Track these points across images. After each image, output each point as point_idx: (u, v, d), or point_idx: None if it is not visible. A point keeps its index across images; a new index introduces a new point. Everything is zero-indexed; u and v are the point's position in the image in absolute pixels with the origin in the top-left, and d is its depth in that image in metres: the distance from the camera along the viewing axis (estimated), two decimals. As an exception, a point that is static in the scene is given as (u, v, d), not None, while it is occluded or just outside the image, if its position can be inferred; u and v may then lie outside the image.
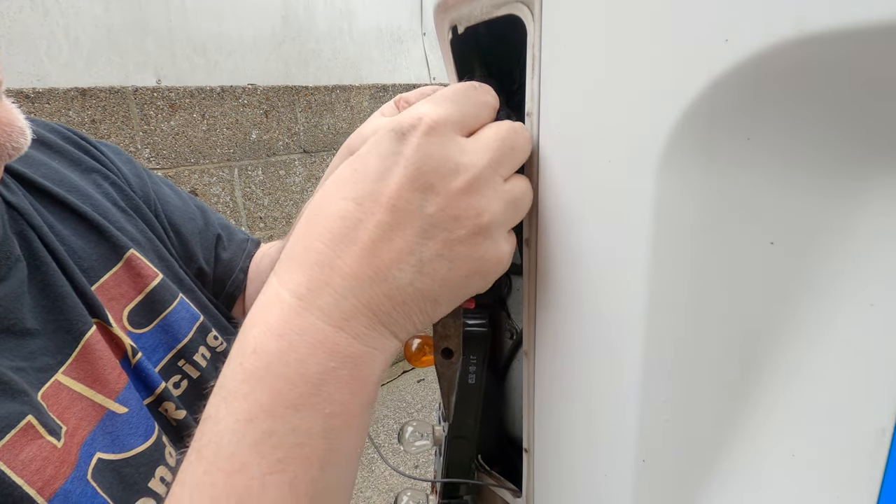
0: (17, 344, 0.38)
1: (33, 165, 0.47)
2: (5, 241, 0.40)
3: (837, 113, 0.21)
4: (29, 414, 0.35)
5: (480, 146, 0.25)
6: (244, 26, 2.32)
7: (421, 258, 0.24)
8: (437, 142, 0.24)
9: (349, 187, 0.25)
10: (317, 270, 0.25)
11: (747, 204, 0.23)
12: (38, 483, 0.34)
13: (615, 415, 0.28)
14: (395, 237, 0.24)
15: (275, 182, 2.37)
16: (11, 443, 0.33)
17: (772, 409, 0.25)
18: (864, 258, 0.22)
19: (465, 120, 0.26)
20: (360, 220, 0.24)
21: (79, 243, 0.45)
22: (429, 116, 0.24)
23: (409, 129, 0.24)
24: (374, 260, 0.24)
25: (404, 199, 0.24)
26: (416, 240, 0.24)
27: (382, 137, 0.25)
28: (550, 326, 0.30)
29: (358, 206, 0.24)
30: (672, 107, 0.22)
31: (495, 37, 0.34)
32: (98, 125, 1.83)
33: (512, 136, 0.27)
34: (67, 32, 1.83)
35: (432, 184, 0.24)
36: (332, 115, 2.54)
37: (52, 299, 0.41)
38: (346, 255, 0.24)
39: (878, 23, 0.17)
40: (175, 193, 0.60)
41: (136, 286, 0.48)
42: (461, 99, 0.26)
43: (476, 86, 0.28)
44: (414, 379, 2.95)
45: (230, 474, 0.23)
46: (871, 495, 0.22)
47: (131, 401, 0.42)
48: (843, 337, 0.23)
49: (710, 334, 0.25)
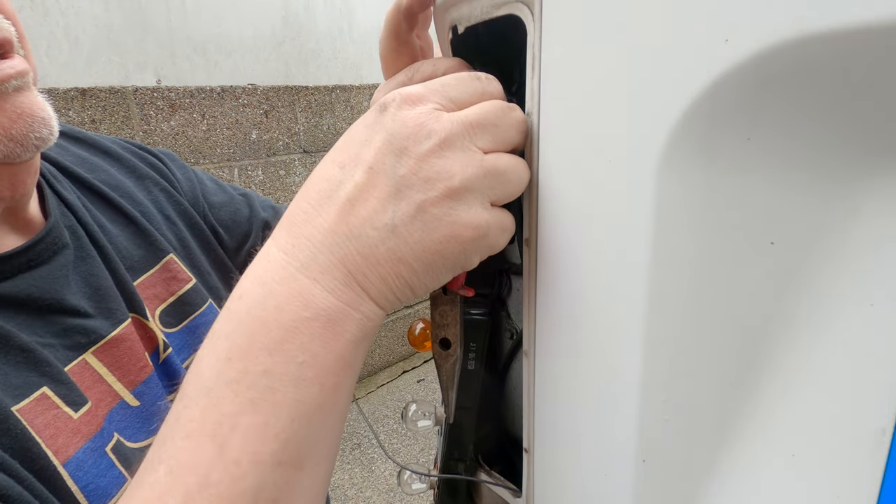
0: (50, 321, 0.40)
1: (95, 171, 0.53)
2: (55, 228, 0.44)
3: (837, 113, 0.21)
4: (45, 385, 0.37)
5: (459, 116, 0.26)
6: (244, 26, 2.32)
7: (393, 218, 0.25)
8: (413, 111, 0.26)
9: (337, 153, 0.27)
10: (300, 227, 0.26)
11: (747, 204, 0.23)
12: (53, 447, 0.36)
13: (615, 415, 0.28)
14: (369, 197, 0.25)
15: (275, 182, 2.37)
16: (28, 408, 0.35)
17: (772, 409, 0.25)
18: (864, 258, 0.22)
19: (448, 100, 0.27)
20: (341, 182, 0.26)
21: (124, 243, 0.50)
22: (407, 91, 0.26)
23: (389, 102, 0.26)
24: (349, 217, 0.26)
25: (380, 161, 0.26)
26: (389, 199, 0.25)
27: (369, 112, 0.28)
28: (550, 326, 0.30)
29: (341, 169, 0.26)
30: (672, 107, 0.22)
31: (495, 37, 0.34)
32: (98, 125, 1.83)
33: (493, 113, 0.27)
34: (67, 32, 1.83)
35: (405, 147, 0.25)
36: (332, 115, 2.55)
37: (93, 288, 0.44)
38: (325, 212, 0.26)
39: (878, 23, 0.17)
40: (220, 188, 0.65)
41: (170, 288, 0.52)
42: (451, 81, 0.28)
43: (476, 75, 0.29)
44: (414, 379, 2.95)
45: (206, 408, 0.24)
46: (871, 495, 0.22)
47: (146, 395, 0.45)
48: (843, 337, 0.23)
49: (710, 334, 0.25)
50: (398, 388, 2.88)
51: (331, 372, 0.26)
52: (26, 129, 0.37)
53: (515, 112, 0.28)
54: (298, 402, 0.25)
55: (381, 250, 0.26)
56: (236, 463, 0.23)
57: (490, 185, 0.27)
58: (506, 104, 0.28)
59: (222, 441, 0.23)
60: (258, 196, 0.69)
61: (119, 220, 0.51)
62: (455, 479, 0.44)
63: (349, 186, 0.26)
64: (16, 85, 0.37)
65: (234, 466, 0.23)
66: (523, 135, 0.29)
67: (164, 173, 0.60)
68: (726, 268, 0.24)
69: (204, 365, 0.25)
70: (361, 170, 0.26)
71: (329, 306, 0.25)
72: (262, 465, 0.24)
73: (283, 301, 0.25)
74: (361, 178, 0.26)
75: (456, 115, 0.27)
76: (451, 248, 0.26)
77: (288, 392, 0.25)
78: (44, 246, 0.42)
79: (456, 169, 0.26)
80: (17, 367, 0.36)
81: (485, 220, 0.27)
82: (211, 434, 0.24)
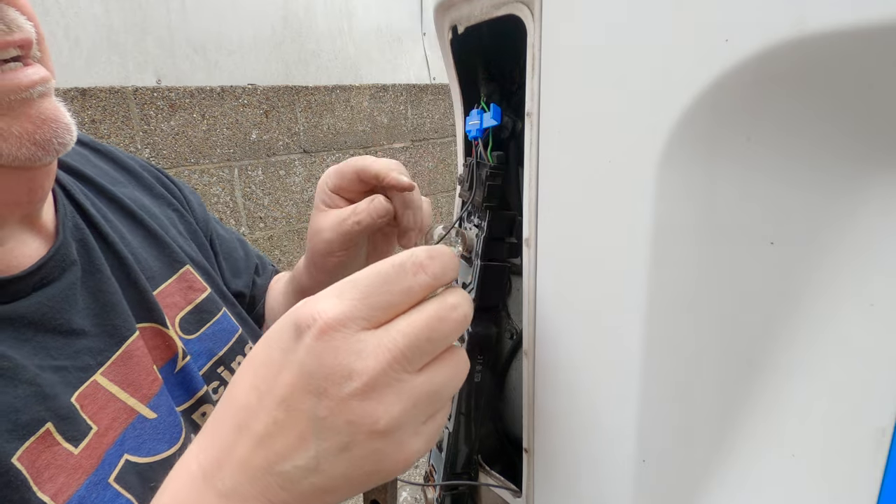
0: (63, 343, 0.41)
1: (116, 184, 0.55)
2: (63, 246, 0.44)
3: (837, 113, 0.21)
4: (49, 421, 0.37)
5: (385, 343, 0.24)
6: (244, 26, 2.32)
7: (316, 455, 0.24)
8: (330, 346, 0.24)
9: (254, 373, 0.26)
10: (220, 451, 0.26)
11: (747, 204, 0.23)
12: (52, 490, 0.36)
13: (615, 415, 0.28)
14: (287, 434, 0.24)
15: (275, 182, 2.37)
16: (31, 449, 0.35)
17: (772, 409, 0.25)
18: (864, 258, 0.22)
19: (373, 314, 0.24)
20: (256, 413, 0.25)
21: (143, 254, 0.51)
22: (326, 315, 0.24)
23: (305, 329, 0.24)
24: (266, 452, 0.25)
25: (296, 399, 0.24)
26: (310, 439, 0.24)
27: (283, 328, 0.25)
28: (550, 326, 0.30)
29: (258, 399, 0.25)
30: (672, 107, 0.22)
31: (495, 37, 0.34)
32: (98, 125, 1.83)
33: (428, 327, 0.25)
34: (67, 32, 1.83)
35: (324, 388, 0.24)
36: (332, 115, 2.54)
37: (101, 304, 0.44)
38: (242, 443, 0.25)
39: (878, 23, 0.17)
40: (221, 227, 0.69)
41: (188, 297, 0.53)
42: (375, 290, 0.25)
43: (404, 265, 0.25)
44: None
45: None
46: (871, 495, 0.22)
47: (162, 407, 0.45)
48: (843, 336, 0.23)
49: (710, 334, 0.25)
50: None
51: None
52: (50, 135, 0.38)
53: (457, 311, 0.26)
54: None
55: (304, 485, 0.25)
56: None
57: (423, 411, 0.25)
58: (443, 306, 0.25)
59: None
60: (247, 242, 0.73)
61: (138, 231, 0.53)
62: (458, 489, 0.44)
63: (265, 420, 0.25)
64: (40, 91, 0.37)
65: None
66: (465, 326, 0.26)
67: (177, 195, 0.62)
68: (726, 268, 0.24)
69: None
70: (276, 404, 0.25)
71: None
72: None
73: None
74: (277, 413, 0.24)
75: (382, 342, 0.24)
76: (378, 478, 0.26)
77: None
78: (53, 264, 0.43)
79: (380, 411, 0.24)
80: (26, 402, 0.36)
81: (414, 450, 0.26)
82: None
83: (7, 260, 0.41)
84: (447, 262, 0.26)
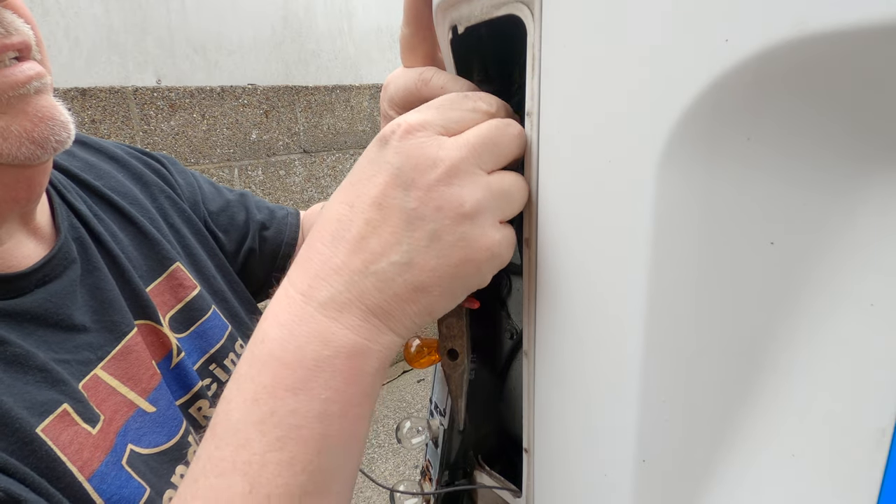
0: (64, 338, 0.42)
1: (103, 177, 0.54)
2: (65, 244, 0.45)
3: (837, 113, 0.21)
4: (65, 402, 0.38)
5: (460, 142, 0.27)
6: (244, 26, 2.32)
7: (409, 249, 0.26)
8: (414, 142, 0.26)
9: (345, 192, 0.28)
10: (316, 268, 0.27)
11: (747, 204, 0.23)
12: (78, 462, 0.37)
13: (615, 415, 0.28)
14: (382, 232, 0.26)
15: (275, 182, 2.37)
16: (52, 425, 0.36)
17: (772, 409, 0.25)
18: (864, 258, 0.22)
19: (448, 124, 0.27)
20: (351, 220, 0.27)
21: (133, 252, 0.51)
22: (406, 121, 0.27)
23: (390, 135, 0.27)
24: (362, 254, 0.26)
25: (388, 196, 0.26)
26: (402, 232, 0.26)
27: (371, 145, 0.28)
28: (550, 326, 0.30)
29: (350, 209, 0.27)
30: (672, 107, 0.22)
31: (495, 37, 0.34)
32: (98, 125, 1.83)
33: (493, 133, 0.28)
34: (67, 32, 1.83)
35: (412, 178, 0.26)
36: (332, 115, 2.55)
37: (99, 301, 0.45)
38: (339, 252, 0.27)
39: (878, 23, 0.17)
40: (217, 192, 0.67)
41: (178, 295, 0.54)
42: (446, 105, 0.28)
43: (467, 95, 0.30)
44: (414, 379, 2.94)
45: (236, 449, 0.25)
46: (871, 495, 0.22)
47: (161, 401, 0.46)
48: (842, 336, 0.23)
49: (710, 334, 0.25)
50: (398, 388, 2.88)
51: (353, 404, 0.27)
52: (48, 133, 0.38)
53: (512, 127, 0.29)
54: (323, 435, 0.26)
55: (399, 282, 0.26)
56: (267, 497, 0.25)
57: (498, 206, 0.27)
58: (502, 121, 0.29)
59: (253, 478, 0.25)
60: (253, 196, 0.71)
61: (128, 228, 0.53)
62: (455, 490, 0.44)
63: (360, 224, 0.26)
64: (36, 86, 0.37)
65: (265, 501, 0.25)
66: (522, 148, 0.29)
67: (168, 180, 0.61)
68: (726, 268, 0.24)
69: (232, 406, 0.26)
70: (370, 207, 0.26)
71: (349, 343, 0.26)
72: (291, 497, 0.25)
73: (304, 342, 0.26)
74: (371, 214, 0.26)
75: (458, 140, 0.27)
76: (467, 271, 0.27)
77: (314, 427, 0.25)
78: (56, 261, 0.43)
79: (465, 194, 0.26)
80: (39, 386, 0.37)
81: (496, 240, 0.27)
82: (242, 472, 0.25)
83: (6, 259, 0.41)
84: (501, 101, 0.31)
